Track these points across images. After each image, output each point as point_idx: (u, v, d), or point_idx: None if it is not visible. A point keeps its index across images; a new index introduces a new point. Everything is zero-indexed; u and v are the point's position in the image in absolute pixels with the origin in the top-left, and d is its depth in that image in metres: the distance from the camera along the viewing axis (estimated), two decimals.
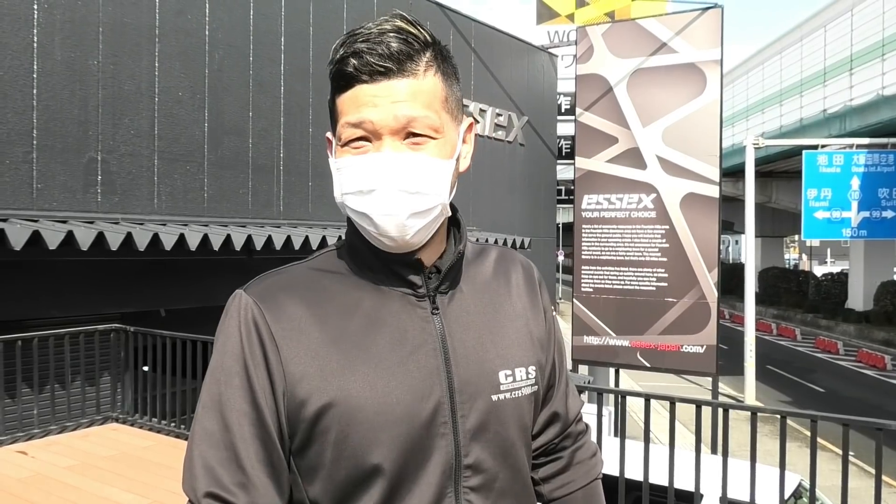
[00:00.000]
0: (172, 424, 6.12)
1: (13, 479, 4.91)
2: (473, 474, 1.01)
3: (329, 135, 1.05)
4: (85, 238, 5.98)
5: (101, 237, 6.09)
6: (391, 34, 0.98)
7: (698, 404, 4.16)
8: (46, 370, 6.00)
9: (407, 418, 0.97)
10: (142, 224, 6.94)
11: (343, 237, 1.11)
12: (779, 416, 3.88)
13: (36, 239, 5.76)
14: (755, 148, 19.90)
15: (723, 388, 16.73)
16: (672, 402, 4.18)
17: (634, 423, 15.06)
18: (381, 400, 0.96)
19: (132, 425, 6.27)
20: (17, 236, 5.66)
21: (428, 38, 1.01)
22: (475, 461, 1.01)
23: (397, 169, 0.96)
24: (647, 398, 4.23)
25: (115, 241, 6.13)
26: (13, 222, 6.06)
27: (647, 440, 4.19)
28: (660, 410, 17.08)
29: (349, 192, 0.99)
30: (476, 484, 1.01)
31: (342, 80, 0.99)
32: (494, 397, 1.03)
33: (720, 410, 4.08)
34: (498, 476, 1.03)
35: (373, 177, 0.96)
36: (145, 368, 6.45)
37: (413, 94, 0.98)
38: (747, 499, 3.92)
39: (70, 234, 5.92)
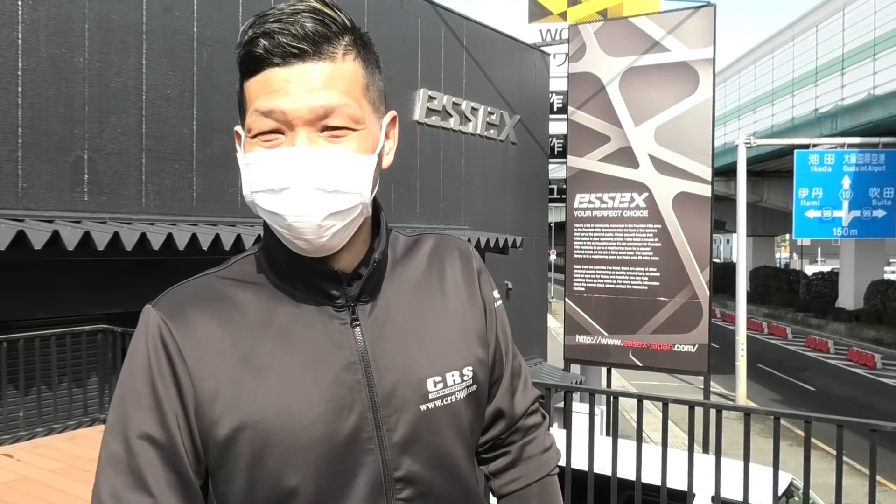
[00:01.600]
0: None
1: None
2: (406, 487, 0.96)
3: (238, 128, 0.98)
4: (71, 238, 5.90)
5: (87, 237, 6.01)
6: (305, 14, 0.89)
7: (691, 405, 4.12)
8: (32, 372, 5.92)
9: (325, 438, 0.92)
10: (129, 223, 6.86)
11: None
12: (772, 417, 3.85)
13: (21, 239, 5.68)
14: (747, 147, 19.93)
15: (714, 386, 16.76)
16: (665, 402, 4.14)
17: (626, 422, 15.07)
18: (296, 422, 0.91)
19: None
20: (2, 236, 5.58)
21: (347, 21, 0.92)
22: (406, 474, 0.96)
23: (313, 165, 0.88)
24: (640, 398, 4.19)
25: (101, 240, 6.05)
26: None
27: (639, 440, 4.15)
28: (651, 409, 17.10)
29: (259, 191, 0.91)
30: (410, 495, 0.97)
31: (251, 64, 0.91)
32: (423, 407, 0.97)
33: (713, 411, 4.05)
34: (434, 485, 0.98)
35: (285, 174, 0.88)
36: None
37: (330, 79, 0.89)
38: (739, 498, 3.89)
39: (56, 234, 5.84)
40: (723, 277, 34.78)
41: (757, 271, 38.35)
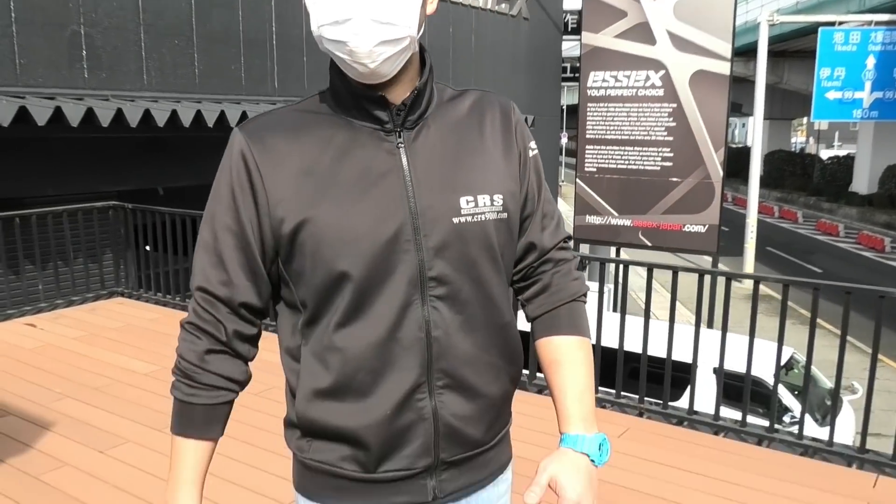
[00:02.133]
0: (178, 298, 6.19)
1: (24, 349, 5.02)
2: (438, 285, 1.16)
3: None
4: (74, 114, 5.85)
5: (90, 113, 5.96)
6: None
7: (701, 273, 4.15)
8: (48, 247, 6.02)
9: (370, 236, 1.12)
10: (132, 101, 6.77)
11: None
12: (780, 289, 3.87)
13: (23, 115, 5.64)
14: (769, 25, 19.17)
15: (722, 268, 16.89)
16: (675, 270, 4.18)
17: (634, 302, 15.30)
18: (346, 221, 1.12)
19: (137, 299, 6.35)
20: (4, 112, 5.53)
21: None
22: (438, 274, 1.15)
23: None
24: (650, 267, 4.22)
25: (105, 117, 6.00)
26: None
27: (647, 309, 4.21)
28: (658, 289, 17.31)
29: (325, 24, 1.07)
30: (441, 294, 1.16)
31: None
32: (455, 220, 1.15)
33: (721, 283, 4.07)
34: (462, 288, 1.17)
35: (347, 6, 1.04)
36: (147, 248, 6.46)
37: None
38: (741, 370, 3.98)
39: (58, 111, 5.79)
40: (736, 161, 34.34)
41: (771, 155, 37.79)
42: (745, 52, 27.70)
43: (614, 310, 10.26)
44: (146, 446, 3.54)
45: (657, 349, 4.27)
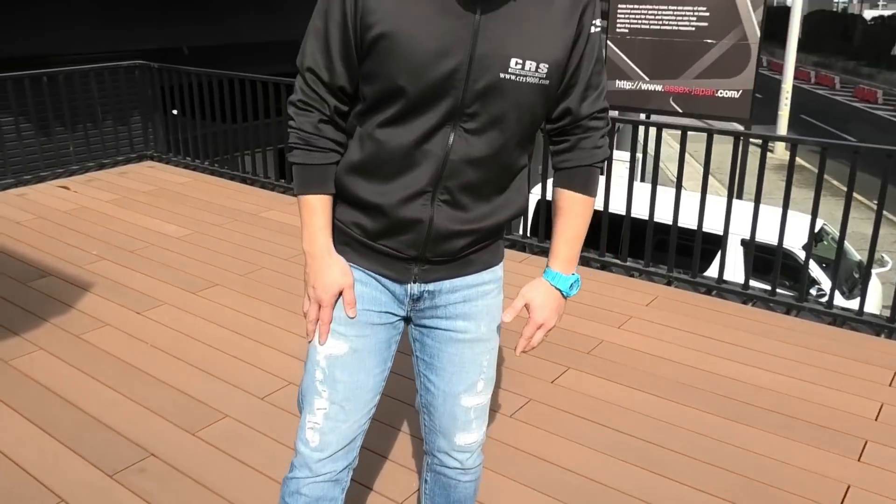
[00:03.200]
0: (207, 163, 6.20)
1: (59, 211, 5.11)
2: (469, 119, 1.37)
3: None
4: None
5: None
6: None
7: (736, 135, 4.05)
8: (76, 108, 5.98)
9: (431, 65, 1.32)
10: None
11: None
12: (819, 151, 3.77)
13: None
14: None
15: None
16: (710, 133, 4.08)
17: (662, 173, 15.15)
18: (416, 46, 1.31)
19: (167, 163, 6.36)
20: None
21: None
22: (473, 110, 1.36)
23: None
24: (684, 130, 4.13)
25: None
26: None
27: (680, 176, 4.16)
28: (689, 161, 17.01)
29: None
30: (471, 128, 1.38)
31: None
32: (502, 75, 1.35)
33: (753, 153, 3.99)
34: (487, 130, 1.38)
35: None
36: (174, 112, 6.39)
37: None
38: (772, 242, 3.96)
39: None
40: (773, 23, 32.67)
41: (811, 16, 35.93)
42: None
43: (642, 179, 10.15)
44: (182, 308, 3.66)
45: (686, 220, 4.25)
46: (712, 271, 4.65)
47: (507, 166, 1.46)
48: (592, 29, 1.43)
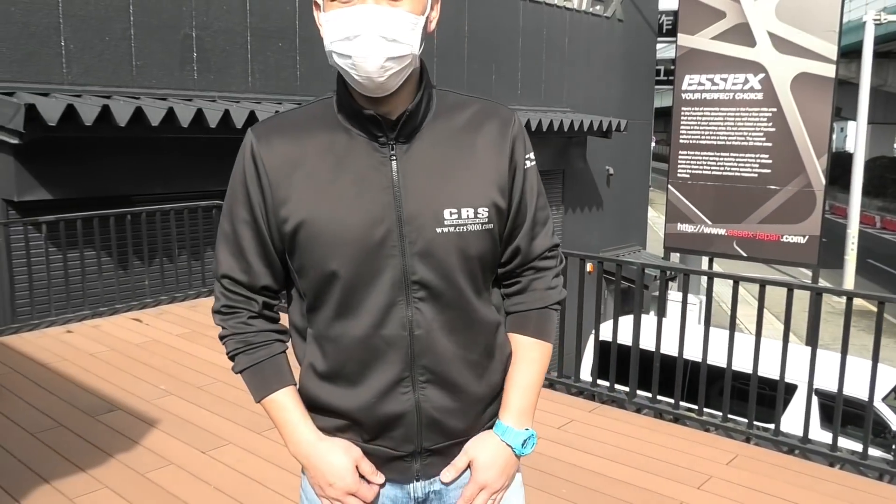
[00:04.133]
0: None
1: (131, 343, 5.22)
2: (420, 288, 1.26)
3: None
4: (185, 115, 6.04)
5: (200, 114, 6.14)
6: None
7: (790, 287, 3.91)
8: (155, 244, 6.24)
9: (360, 240, 1.23)
10: (237, 102, 6.96)
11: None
12: (876, 304, 3.61)
13: (139, 115, 5.86)
14: (875, 24, 18.21)
15: (820, 282, 16.16)
16: (762, 284, 3.97)
17: (724, 313, 14.81)
18: (339, 224, 1.23)
19: None
20: (122, 112, 5.76)
21: None
22: (421, 279, 1.25)
23: (378, 18, 1.15)
24: (736, 280, 4.03)
25: (213, 118, 6.18)
26: (116, 99, 6.17)
27: (732, 325, 4.03)
28: (749, 301, 16.68)
29: (337, 39, 1.17)
30: (423, 296, 1.26)
31: None
32: (438, 230, 1.24)
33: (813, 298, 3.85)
34: (444, 292, 1.26)
35: (358, 24, 1.14)
36: None
37: None
38: (855, 395, 3.75)
39: (171, 112, 5.99)
40: (835, 168, 32.81)
41: (873, 162, 35.94)
42: (846, 54, 26.37)
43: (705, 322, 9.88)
44: (246, 449, 3.60)
45: (744, 364, 4.09)
46: (786, 421, 4.41)
47: (477, 322, 1.32)
48: (528, 164, 1.35)
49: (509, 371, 1.39)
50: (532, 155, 1.37)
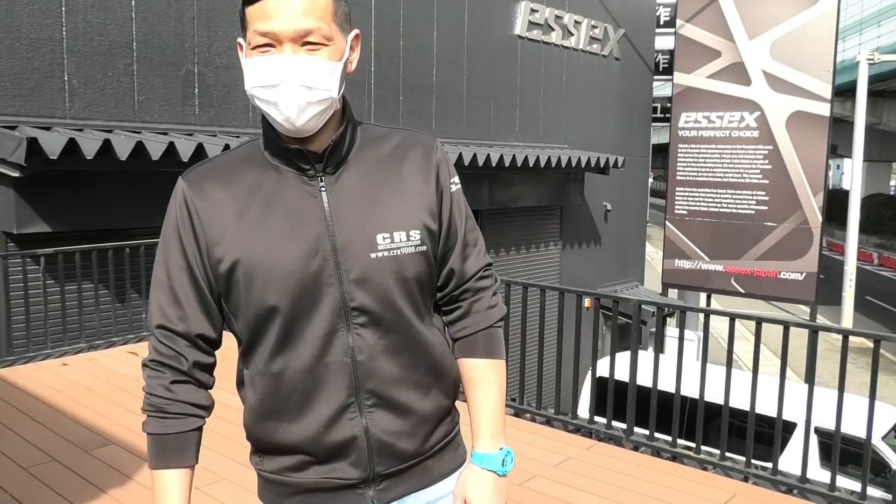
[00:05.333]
0: None
1: (127, 376, 5.19)
2: (360, 314, 1.28)
3: (240, 39, 1.28)
4: (186, 149, 6.09)
5: (200, 149, 6.19)
6: None
7: (786, 325, 3.90)
8: (152, 276, 6.24)
9: (297, 273, 1.25)
10: (237, 136, 7.02)
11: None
12: (872, 342, 3.61)
13: (139, 150, 5.91)
14: (869, 64, 18.47)
15: (818, 318, 16.14)
16: (758, 322, 3.96)
17: (722, 349, 14.75)
18: (274, 259, 1.25)
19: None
20: (122, 147, 5.81)
21: None
22: (360, 304, 1.28)
23: (297, 68, 1.20)
24: (732, 317, 4.03)
25: (213, 153, 6.22)
26: (118, 133, 6.22)
27: (729, 361, 4.02)
28: (747, 337, 16.63)
29: (258, 86, 1.22)
30: (364, 322, 1.28)
31: None
32: (373, 255, 1.27)
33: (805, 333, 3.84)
34: (384, 316, 1.29)
35: (278, 73, 1.20)
36: None
37: (308, 8, 1.20)
38: (850, 432, 3.73)
39: (171, 146, 6.04)
40: (831, 205, 32.98)
41: (869, 199, 36.16)
42: (841, 92, 26.71)
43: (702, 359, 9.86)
44: (241, 485, 3.57)
45: (741, 403, 4.07)
46: (785, 460, 4.37)
47: (420, 343, 1.34)
48: (453, 187, 1.39)
49: (470, 397, 1.42)
50: (457, 178, 1.41)
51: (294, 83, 1.20)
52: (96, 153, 5.67)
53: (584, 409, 8.32)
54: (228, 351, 1.38)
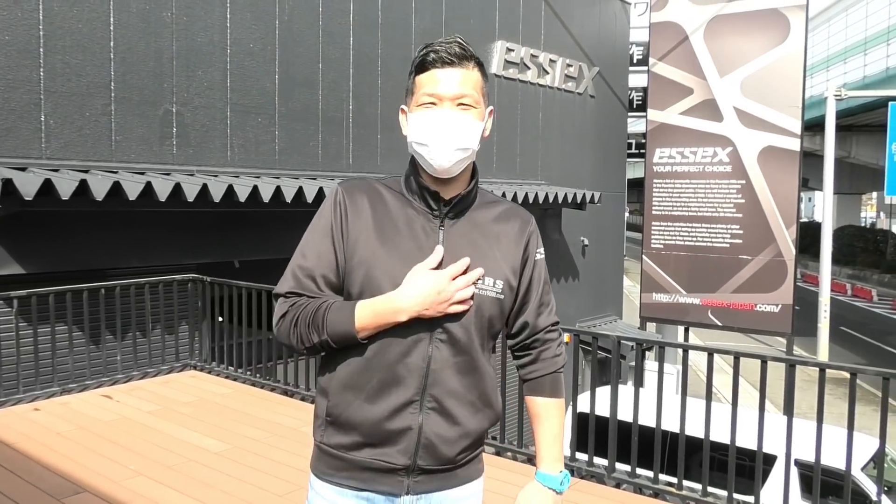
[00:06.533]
0: (248, 373, 6.23)
1: (101, 421, 5.09)
2: (443, 332, 1.57)
3: (403, 106, 1.66)
4: (163, 189, 6.06)
5: (178, 188, 6.17)
6: (455, 45, 1.59)
7: (763, 359, 3.93)
8: (128, 318, 6.16)
9: None
10: (216, 176, 7.01)
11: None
12: (848, 374, 3.66)
13: (116, 190, 5.87)
14: (837, 100, 18.92)
15: (794, 350, 16.25)
16: (736, 356, 3.99)
17: (701, 382, 14.81)
18: (390, 273, 1.56)
19: (209, 373, 6.41)
20: (99, 187, 5.77)
21: (473, 51, 1.62)
22: (446, 326, 1.57)
23: (452, 120, 1.56)
24: (710, 352, 4.06)
25: (191, 192, 6.20)
26: (94, 173, 6.19)
27: (708, 396, 4.04)
28: (727, 370, 16.70)
29: (415, 141, 1.59)
30: (444, 339, 1.58)
31: (424, 66, 1.60)
32: None
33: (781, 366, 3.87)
34: (460, 339, 1.58)
35: (432, 136, 1.56)
36: (220, 319, 6.55)
37: (465, 79, 1.59)
38: (830, 464, 3.75)
39: (149, 186, 6.01)
40: (804, 237, 33.46)
41: (841, 231, 36.80)
42: (810, 127, 27.29)
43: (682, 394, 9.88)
44: None
45: (722, 436, 4.08)
46: (767, 493, 4.37)
47: (480, 370, 1.62)
48: (538, 256, 1.71)
49: (536, 428, 1.73)
50: (542, 250, 1.73)
51: (449, 145, 1.55)
52: (72, 193, 5.62)
53: (565, 446, 8.26)
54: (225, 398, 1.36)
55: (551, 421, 1.71)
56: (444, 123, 1.54)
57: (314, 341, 1.56)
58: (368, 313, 1.54)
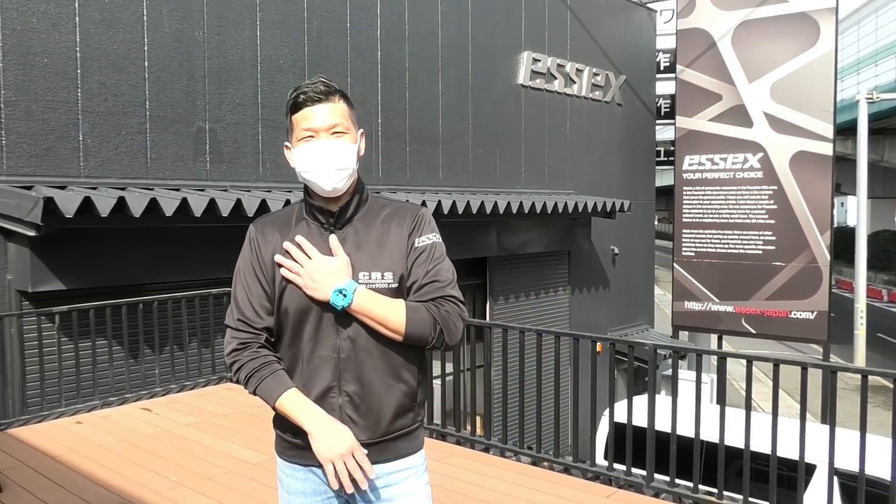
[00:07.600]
0: None
1: (141, 433, 5.17)
2: (343, 327, 1.87)
3: (287, 143, 1.94)
4: (198, 205, 6.16)
5: (212, 204, 6.26)
6: (320, 83, 1.87)
7: (804, 366, 3.88)
8: (166, 332, 6.26)
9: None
10: (249, 191, 7.10)
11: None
12: (892, 383, 3.59)
13: (153, 206, 5.98)
14: (868, 103, 18.63)
15: (831, 357, 15.97)
16: (776, 363, 3.94)
17: (736, 391, 14.61)
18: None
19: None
20: (137, 204, 5.88)
21: (336, 86, 1.90)
22: (344, 318, 1.86)
23: (330, 148, 1.85)
24: (749, 360, 4.01)
25: (225, 207, 6.29)
26: (131, 190, 6.31)
27: (748, 405, 3.99)
28: (763, 379, 16.46)
29: (301, 170, 1.87)
30: (350, 333, 1.86)
31: (297, 107, 1.87)
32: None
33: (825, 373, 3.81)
34: (361, 329, 1.86)
35: (316, 162, 1.84)
36: None
37: (333, 111, 1.88)
38: (875, 474, 3.68)
39: (184, 202, 6.12)
40: (837, 242, 32.92)
41: (875, 235, 36.13)
42: (841, 131, 26.89)
43: (720, 403, 9.76)
44: None
45: (762, 445, 4.02)
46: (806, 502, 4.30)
47: (389, 355, 1.86)
48: (424, 241, 1.92)
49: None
50: (430, 235, 1.94)
51: (330, 167, 1.83)
52: (111, 210, 5.74)
53: (599, 454, 8.21)
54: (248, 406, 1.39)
55: (394, 301, 1.87)
56: (324, 151, 1.83)
57: (246, 389, 1.91)
58: (287, 411, 1.84)
